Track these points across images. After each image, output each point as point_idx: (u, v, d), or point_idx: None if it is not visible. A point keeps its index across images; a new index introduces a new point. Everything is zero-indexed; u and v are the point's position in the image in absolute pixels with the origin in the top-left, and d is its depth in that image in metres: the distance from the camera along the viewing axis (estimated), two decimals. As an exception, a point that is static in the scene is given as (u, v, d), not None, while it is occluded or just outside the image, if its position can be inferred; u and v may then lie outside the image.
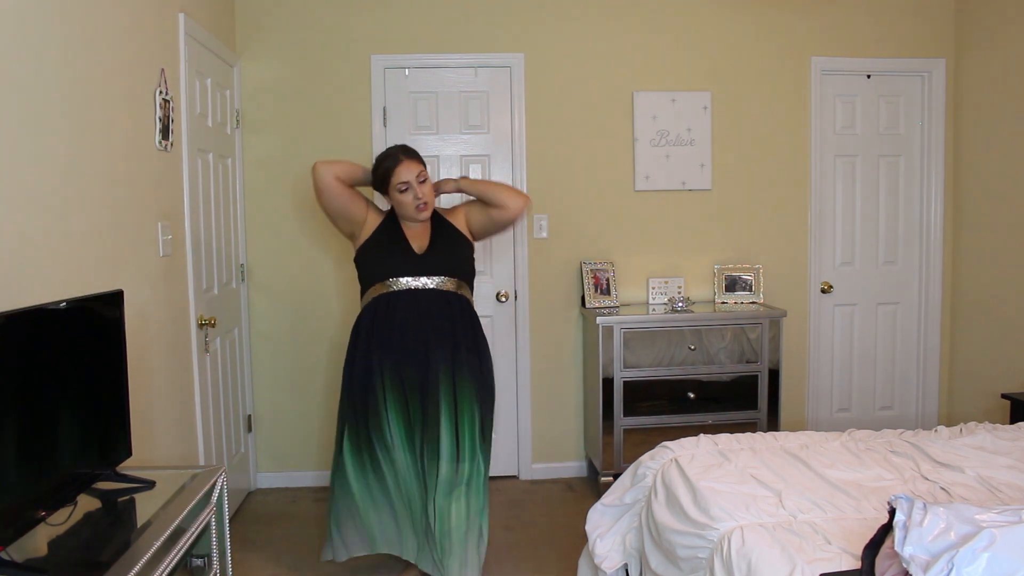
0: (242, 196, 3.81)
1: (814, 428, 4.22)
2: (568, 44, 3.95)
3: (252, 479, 3.92)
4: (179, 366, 2.89)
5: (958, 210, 4.19)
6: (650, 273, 4.05)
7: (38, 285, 1.87)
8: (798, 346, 4.18)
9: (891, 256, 4.28)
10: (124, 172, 2.41)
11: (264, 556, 3.16)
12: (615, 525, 2.48)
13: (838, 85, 4.15)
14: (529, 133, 3.94)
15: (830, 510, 2.01)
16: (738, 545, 1.85)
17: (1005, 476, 2.23)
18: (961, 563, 1.40)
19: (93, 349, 1.82)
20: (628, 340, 3.67)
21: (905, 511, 1.54)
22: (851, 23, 4.09)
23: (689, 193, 4.05)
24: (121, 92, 2.40)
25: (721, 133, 4.05)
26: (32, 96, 1.88)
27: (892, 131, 4.22)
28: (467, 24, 3.90)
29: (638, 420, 3.69)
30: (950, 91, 4.16)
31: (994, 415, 3.82)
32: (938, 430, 2.67)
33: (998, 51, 3.88)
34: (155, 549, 1.58)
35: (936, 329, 4.27)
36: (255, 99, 3.82)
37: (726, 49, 4.03)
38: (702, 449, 2.49)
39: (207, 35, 3.26)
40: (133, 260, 2.47)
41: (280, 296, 3.91)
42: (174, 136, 2.84)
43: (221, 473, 2.05)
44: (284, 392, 3.94)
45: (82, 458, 1.76)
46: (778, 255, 4.14)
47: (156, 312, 2.66)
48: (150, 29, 2.66)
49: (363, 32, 3.85)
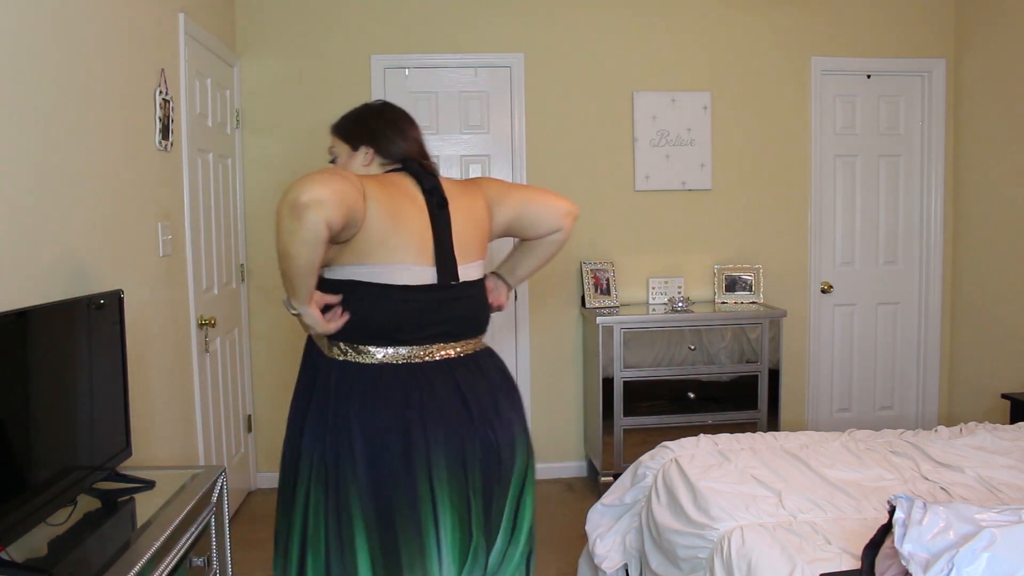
0: (242, 196, 3.81)
1: (814, 428, 4.22)
2: (568, 44, 3.95)
3: (252, 479, 3.92)
4: (179, 366, 2.89)
5: (958, 210, 4.19)
6: (650, 273, 4.05)
7: (38, 285, 1.87)
8: (798, 346, 4.18)
9: (891, 256, 4.28)
10: (124, 172, 2.41)
11: (264, 556, 3.16)
12: (615, 525, 2.48)
13: (838, 85, 4.15)
14: (529, 133, 3.94)
15: (830, 510, 2.01)
16: (738, 545, 1.85)
17: (1005, 476, 2.23)
18: (961, 563, 1.40)
19: (93, 349, 1.82)
20: (628, 340, 3.67)
21: (905, 510, 1.54)
22: (851, 23, 4.09)
23: (689, 193, 4.05)
24: (121, 92, 2.40)
25: (721, 133, 4.05)
26: (32, 96, 1.88)
27: (892, 131, 4.22)
28: (467, 24, 3.90)
29: (638, 420, 3.69)
30: (950, 91, 4.16)
31: (994, 415, 3.81)
32: (938, 430, 2.67)
33: (998, 51, 3.87)
34: (155, 549, 1.58)
35: (936, 329, 4.26)
36: (255, 99, 3.82)
37: (726, 49, 4.03)
38: (702, 449, 2.49)
39: (207, 35, 3.26)
40: (133, 260, 2.47)
41: (280, 296, 3.89)
42: (174, 136, 2.84)
43: (221, 473, 2.05)
44: (284, 392, 3.92)
45: (82, 458, 1.76)
46: (778, 255, 4.14)
47: (156, 312, 2.66)
48: (150, 29, 2.66)
49: (363, 32, 3.85)
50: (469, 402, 1.67)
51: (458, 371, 1.69)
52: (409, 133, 1.79)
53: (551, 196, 1.87)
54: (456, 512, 1.61)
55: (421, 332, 1.65)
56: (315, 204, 1.39)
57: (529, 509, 1.80)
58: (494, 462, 1.68)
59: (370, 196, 1.57)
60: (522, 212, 1.83)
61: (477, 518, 1.65)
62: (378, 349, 1.63)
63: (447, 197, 1.70)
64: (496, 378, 1.77)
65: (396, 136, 1.76)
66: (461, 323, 1.71)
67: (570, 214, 1.86)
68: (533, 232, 1.87)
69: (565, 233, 1.87)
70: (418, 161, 1.75)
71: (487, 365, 1.77)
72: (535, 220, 1.85)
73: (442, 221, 1.67)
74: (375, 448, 1.57)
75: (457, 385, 1.67)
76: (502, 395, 1.76)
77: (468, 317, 1.73)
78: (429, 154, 1.82)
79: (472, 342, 1.75)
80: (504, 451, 1.70)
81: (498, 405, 1.73)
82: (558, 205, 1.85)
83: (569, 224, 1.86)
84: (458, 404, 1.65)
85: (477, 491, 1.65)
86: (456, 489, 1.61)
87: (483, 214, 1.78)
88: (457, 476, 1.62)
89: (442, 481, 1.60)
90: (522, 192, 1.88)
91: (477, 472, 1.65)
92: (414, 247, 1.63)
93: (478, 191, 1.80)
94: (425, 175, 1.71)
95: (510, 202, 1.83)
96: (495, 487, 1.69)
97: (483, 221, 1.78)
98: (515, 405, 1.79)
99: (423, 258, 1.63)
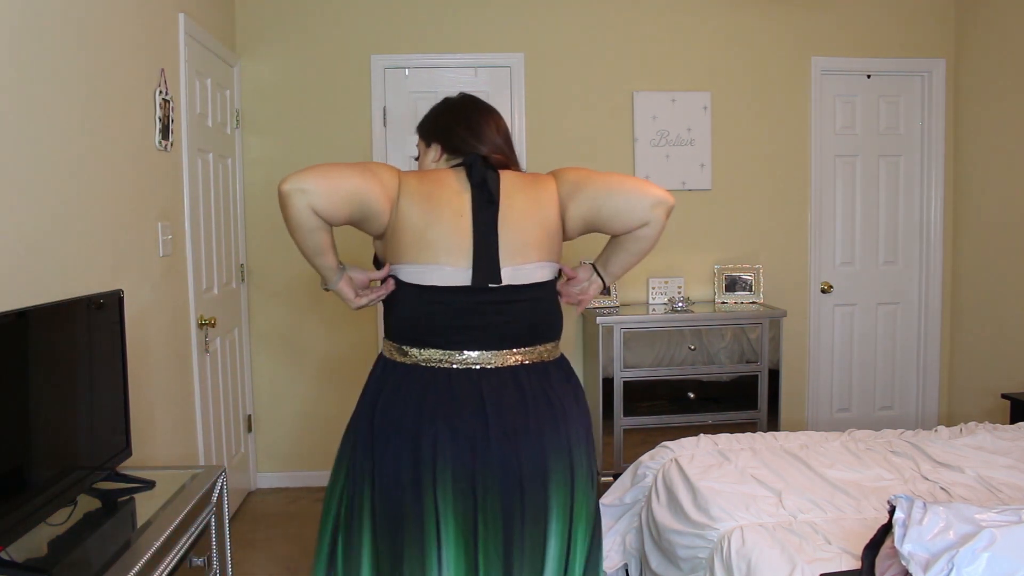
0: (242, 196, 3.81)
1: (814, 428, 4.22)
2: (568, 44, 3.95)
3: (252, 479, 3.92)
4: (179, 366, 2.89)
5: (958, 210, 4.19)
6: (650, 273, 4.05)
7: (38, 285, 1.87)
8: (798, 346, 4.18)
9: (891, 256, 4.28)
10: (124, 172, 2.41)
11: (264, 556, 3.16)
12: (615, 525, 2.48)
13: (838, 85, 4.15)
14: (529, 133, 3.94)
15: (830, 510, 2.01)
16: (738, 545, 1.85)
17: (1005, 476, 2.23)
18: (961, 563, 1.40)
19: (93, 349, 1.82)
20: (628, 340, 3.66)
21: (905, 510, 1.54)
22: (851, 23, 4.09)
23: (689, 193, 4.05)
24: (121, 92, 2.40)
25: (721, 133, 4.05)
26: (32, 96, 1.88)
27: (892, 131, 4.22)
28: (467, 24, 3.90)
29: (638, 420, 3.69)
30: (950, 91, 4.16)
31: (994, 415, 3.81)
32: (938, 430, 2.67)
33: (998, 51, 3.87)
34: (155, 549, 1.57)
35: (936, 329, 4.26)
36: (255, 99, 3.82)
37: (726, 49, 4.03)
38: (702, 449, 2.49)
39: (207, 35, 3.26)
40: (133, 260, 2.47)
41: (280, 296, 3.90)
42: (174, 136, 2.84)
43: (221, 473, 2.05)
44: (284, 392, 3.94)
45: (82, 458, 1.76)
46: (778, 255, 4.14)
47: (156, 312, 2.66)
48: (150, 29, 2.66)
49: (363, 32, 3.85)
50: (490, 418, 1.50)
51: (489, 382, 1.53)
52: (481, 128, 1.67)
53: (637, 183, 1.60)
54: (460, 536, 1.49)
55: (454, 336, 1.54)
56: (296, 192, 1.42)
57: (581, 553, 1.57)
58: (514, 489, 1.49)
59: (406, 192, 1.54)
60: (602, 204, 1.59)
61: (487, 548, 1.49)
62: (413, 349, 1.57)
63: (502, 193, 1.57)
64: (546, 396, 1.57)
65: (463, 131, 1.67)
66: (503, 329, 1.56)
67: (661, 203, 1.59)
68: (618, 226, 1.62)
69: (656, 227, 1.61)
70: (482, 155, 1.62)
71: (539, 381, 1.58)
72: (618, 213, 1.59)
73: (487, 218, 1.54)
74: (389, 450, 1.52)
75: (481, 397, 1.52)
76: (547, 416, 1.55)
77: (515, 323, 1.57)
78: (505, 149, 1.68)
79: (521, 352, 1.58)
80: (529, 480, 1.50)
81: (533, 427, 1.52)
82: (645, 193, 1.58)
83: (661, 216, 1.59)
84: (477, 419, 1.51)
85: (491, 518, 1.49)
86: (461, 512, 1.49)
87: (550, 211, 1.60)
88: (464, 496, 1.48)
89: (447, 500, 1.48)
90: (602, 180, 1.61)
91: (493, 497, 1.49)
92: (447, 246, 1.53)
93: (548, 185, 1.62)
94: (479, 169, 1.58)
95: (588, 192, 1.59)
96: (516, 517, 1.50)
97: (549, 219, 1.60)
98: (567, 431, 1.57)
99: (457, 259, 1.53)
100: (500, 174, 1.60)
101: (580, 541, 1.58)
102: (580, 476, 1.58)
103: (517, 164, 1.71)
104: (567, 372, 1.66)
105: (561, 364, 1.66)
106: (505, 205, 1.57)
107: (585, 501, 1.59)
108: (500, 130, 1.70)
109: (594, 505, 1.63)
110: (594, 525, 1.64)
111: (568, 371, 1.67)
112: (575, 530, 1.57)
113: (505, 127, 1.73)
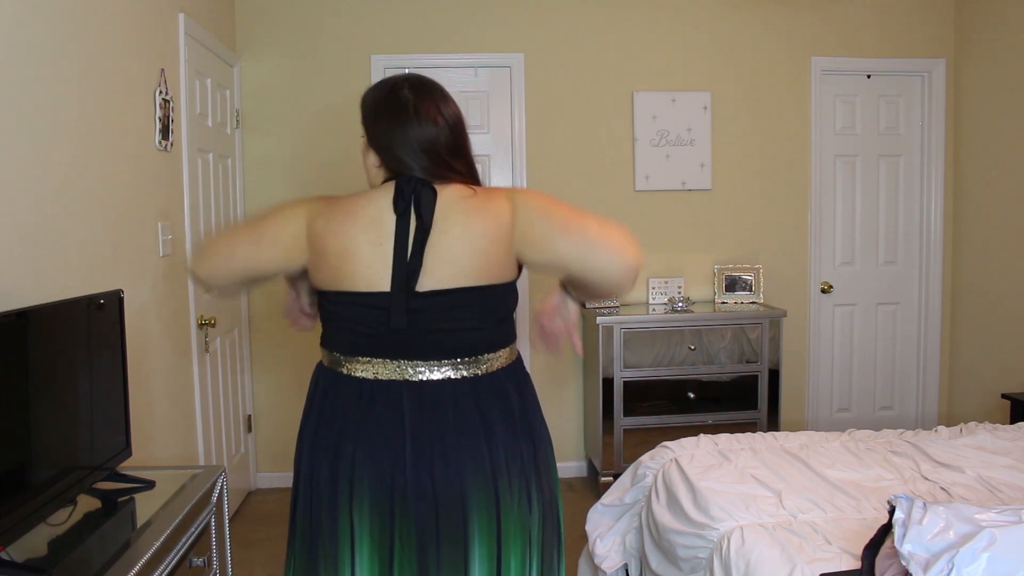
0: (242, 196, 3.81)
1: (814, 428, 4.22)
2: (568, 44, 3.95)
3: (252, 479, 3.92)
4: (179, 366, 2.89)
5: (958, 210, 4.19)
6: (650, 273, 4.05)
7: (38, 285, 1.87)
8: (798, 346, 4.18)
9: (891, 256, 4.28)
10: (124, 172, 2.41)
11: (264, 556, 3.16)
12: (615, 525, 2.47)
13: (838, 85, 4.15)
14: (529, 133, 3.94)
15: (830, 510, 2.01)
16: (738, 545, 1.85)
17: (1005, 476, 2.23)
18: (961, 563, 1.40)
19: (93, 349, 1.82)
20: (628, 340, 3.66)
21: (905, 510, 1.54)
22: (851, 23, 4.09)
23: (689, 193, 4.05)
24: (121, 92, 2.40)
25: (721, 133, 4.05)
26: (32, 96, 1.88)
27: (892, 131, 4.22)
28: (467, 24, 3.90)
29: (638, 420, 3.69)
30: (950, 91, 4.16)
31: (994, 415, 3.81)
32: (938, 430, 2.66)
33: (998, 51, 3.87)
34: (155, 549, 1.57)
35: (936, 329, 4.26)
36: (255, 99, 3.82)
37: (726, 49, 4.03)
38: (702, 449, 2.49)
39: (207, 35, 3.26)
40: (133, 260, 2.47)
41: (280, 296, 3.88)
42: (174, 136, 2.84)
43: (221, 473, 2.05)
44: (284, 392, 3.94)
45: (82, 458, 1.76)
46: (778, 255, 4.14)
47: (156, 312, 2.66)
48: (150, 29, 2.66)
49: (363, 32, 3.85)
50: (407, 437, 1.40)
51: (412, 397, 1.42)
52: (409, 132, 1.43)
53: (608, 248, 1.39)
54: (376, 555, 1.42)
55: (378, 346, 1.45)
56: (196, 277, 1.56)
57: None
58: (428, 512, 1.40)
59: (314, 232, 1.43)
60: (570, 270, 1.45)
61: (403, 569, 1.41)
62: (343, 358, 1.50)
63: (437, 215, 1.39)
64: (472, 415, 1.44)
65: (398, 149, 1.44)
66: (425, 339, 1.43)
67: (632, 269, 1.41)
68: (582, 289, 1.51)
69: (623, 291, 1.46)
70: (409, 175, 1.42)
71: (468, 398, 1.44)
72: (587, 281, 1.45)
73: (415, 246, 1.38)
74: (312, 463, 1.48)
75: (402, 414, 1.42)
76: (468, 437, 1.42)
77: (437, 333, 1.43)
78: (444, 151, 1.44)
79: (450, 364, 1.44)
80: (444, 504, 1.40)
81: (451, 448, 1.41)
82: (616, 262, 1.40)
83: (630, 282, 1.43)
84: (396, 437, 1.41)
85: (406, 539, 1.41)
86: (377, 532, 1.41)
87: (495, 245, 1.41)
88: (380, 516, 1.41)
89: (363, 519, 1.41)
90: (570, 240, 1.40)
91: (408, 519, 1.40)
92: (367, 277, 1.40)
93: (501, 207, 1.42)
94: (408, 193, 1.39)
95: (552, 252, 1.42)
96: (430, 539, 1.41)
97: (492, 249, 1.41)
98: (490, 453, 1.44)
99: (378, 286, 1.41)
100: (439, 192, 1.41)
101: (515, 566, 1.47)
102: (509, 499, 1.45)
103: (465, 166, 1.48)
104: (504, 389, 1.49)
105: (499, 378, 1.49)
106: (438, 230, 1.39)
107: (517, 524, 1.47)
108: (445, 126, 1.45)
109: (537, 528, 1.52)
110: (542, 547, 1.54)
111: (506, 388, 1.50)
112: (506, 555, 1.45)
113: (454, 113, 1.48)
